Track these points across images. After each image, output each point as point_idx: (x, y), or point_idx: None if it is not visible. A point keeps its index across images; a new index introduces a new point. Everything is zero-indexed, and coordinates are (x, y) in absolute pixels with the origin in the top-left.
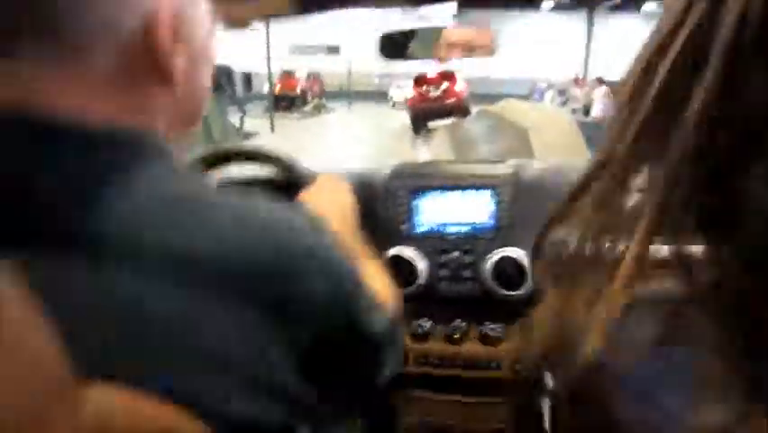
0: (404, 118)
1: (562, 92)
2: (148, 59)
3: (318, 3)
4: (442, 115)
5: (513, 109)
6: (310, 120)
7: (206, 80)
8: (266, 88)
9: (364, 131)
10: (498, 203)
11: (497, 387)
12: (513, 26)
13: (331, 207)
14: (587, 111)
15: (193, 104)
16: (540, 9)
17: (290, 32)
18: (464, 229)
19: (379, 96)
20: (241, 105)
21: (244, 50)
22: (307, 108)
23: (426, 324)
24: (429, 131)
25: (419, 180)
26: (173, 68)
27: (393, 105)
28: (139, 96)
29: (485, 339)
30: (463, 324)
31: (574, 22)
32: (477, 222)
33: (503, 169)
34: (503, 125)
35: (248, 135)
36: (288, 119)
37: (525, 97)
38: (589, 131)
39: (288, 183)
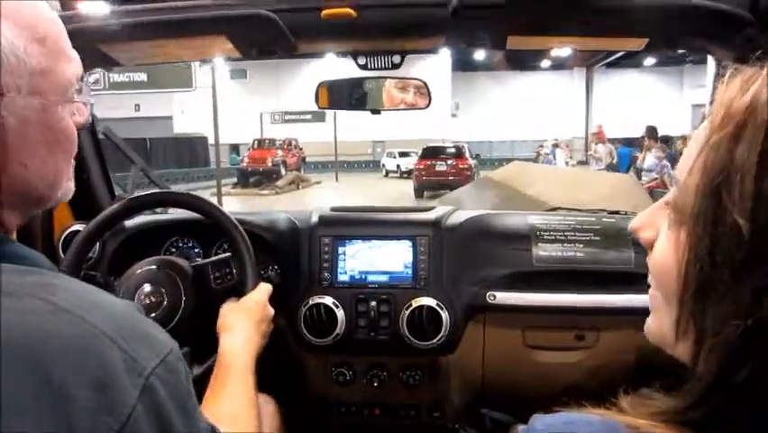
0: (400, 185)
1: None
2: None
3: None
4: (444, 189)
5: (519, 173)
6: (283, 196)
7: (60, 162)
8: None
9: (351, 197)
10: (416, 254)
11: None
12: (515, 86)
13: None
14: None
15: (33, 185)
16: (540, 69)
17: (269, 97)
18: (383, 279)
19: (372, 165)
20: (159, 183)
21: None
22: (281, 183)
23: (347, 372)
24: (432, 196)
25: (343, 230)
26: None
27: (386, 175)
28: None
29: (405, 386)
30: (383, 372)
31: (576, 80)
32: (395, 271)
33: (425, 216)
34: (509, 194)
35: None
36: (261, 196)
37: (534, 160)
38: None
39: (213, 227)
